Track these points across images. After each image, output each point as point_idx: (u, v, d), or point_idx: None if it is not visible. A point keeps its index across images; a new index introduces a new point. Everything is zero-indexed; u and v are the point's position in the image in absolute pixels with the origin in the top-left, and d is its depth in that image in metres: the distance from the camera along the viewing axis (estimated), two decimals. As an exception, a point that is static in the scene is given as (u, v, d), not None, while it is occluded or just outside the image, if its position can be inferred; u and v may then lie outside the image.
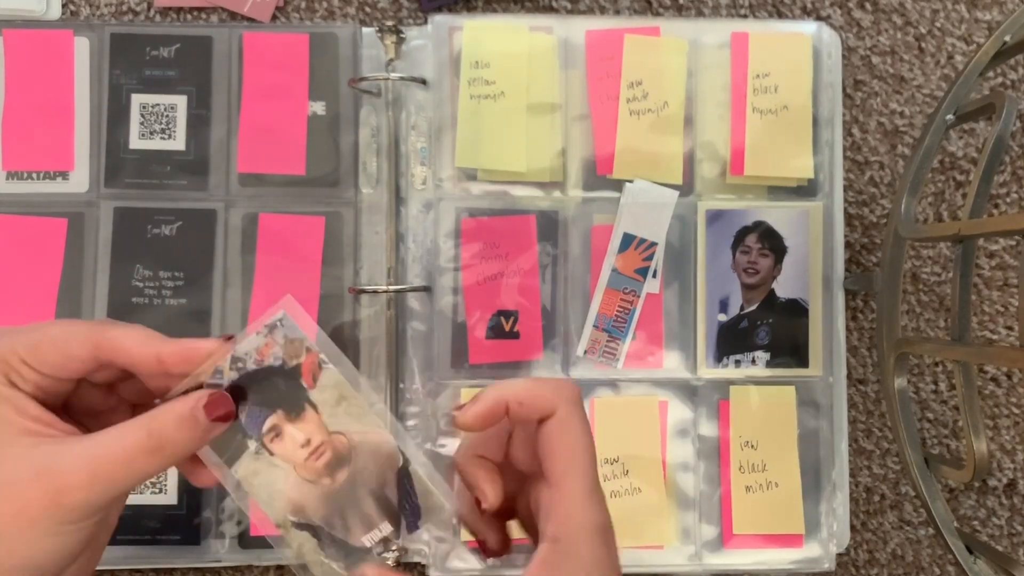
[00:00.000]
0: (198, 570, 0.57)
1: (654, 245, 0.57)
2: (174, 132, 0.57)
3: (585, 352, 0.57)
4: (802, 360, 0.58)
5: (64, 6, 0.58)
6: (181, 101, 0.57)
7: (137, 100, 0.57)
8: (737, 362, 0.58)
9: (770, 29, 0.59)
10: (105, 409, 0.36)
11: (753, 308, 0.58)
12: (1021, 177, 0.61)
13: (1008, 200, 0.61)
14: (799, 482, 0.57)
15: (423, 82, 0.57)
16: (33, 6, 0.58)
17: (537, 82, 0.58)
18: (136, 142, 0.57)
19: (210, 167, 0.57)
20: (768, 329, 0.58)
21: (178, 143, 0.57)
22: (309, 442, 0.34)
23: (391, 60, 0.57)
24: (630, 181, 0.58)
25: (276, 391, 0.34)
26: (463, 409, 0.34)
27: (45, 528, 0.31)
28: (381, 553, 0.34)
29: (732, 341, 0.58)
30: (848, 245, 0.60)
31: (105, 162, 0.57)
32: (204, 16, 0.58)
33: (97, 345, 0.33)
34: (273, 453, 0.34)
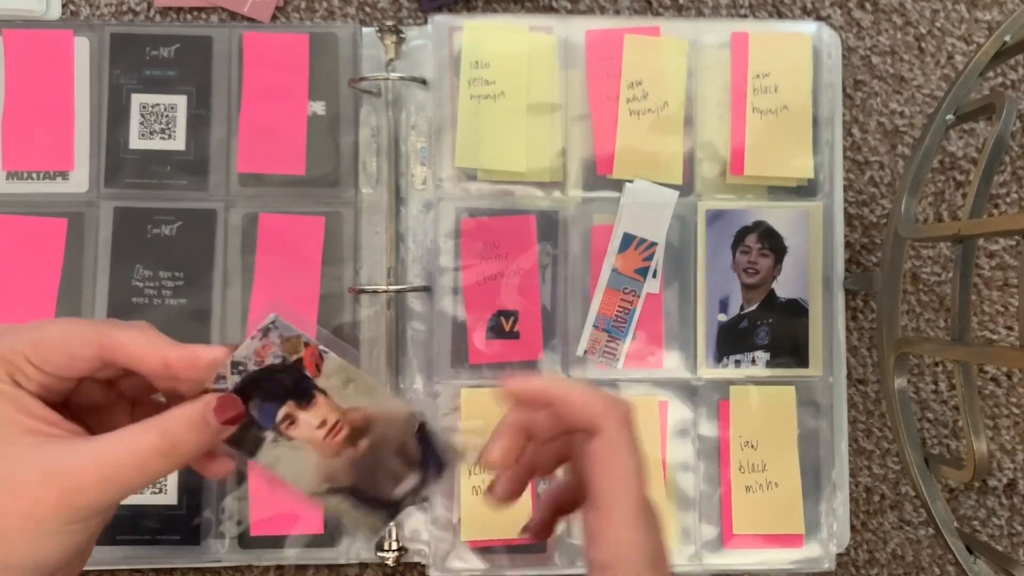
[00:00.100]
0: (198, 570, 0.57)
1: (654, 245, 0.57)
2: (174, 132, 0.57)
3: (585, 352, 0.57)
4: (802, 360, 0.58)
5: (64, 6, 0.58)
6: (181, 101, 0.57)
7: (137, 100, 0.57)
8: (737, 362, 0.58)
9: (770, 29, 0.59)
10: (105, 405, 0.36)
11: (753, 308, 0.58)
12: (1021, 177, 0.61)
13: (1008, 200, 0.61)
14: (799, 482, 0.57)
15: (423, 82, 0.57)
16: (33, 6, 0.58)
17: (537, 82, 0.57)
18: (136, 142, 0.57)
19: (210, 167, 0.57)
20: (768, 329, 0.58)
21: (178, 143, 0.57)
22: (324, 423, 0.35)
23: (391, 60, 0.57)
24: (630, 181, 0.57)
25: (282, 385, 0.35)
26: (514, 380, 0.35)
27: (52, 528, 0.31)
28: (413, 500, 0.36)
29: (732, 341, 0.58)
30: (848, 245, 0.60)
31: (105, 162, 0.57)
32: (204, 16, 0.58)
33: (102, 346, 0.33)
34: (291, 438, 0.35)
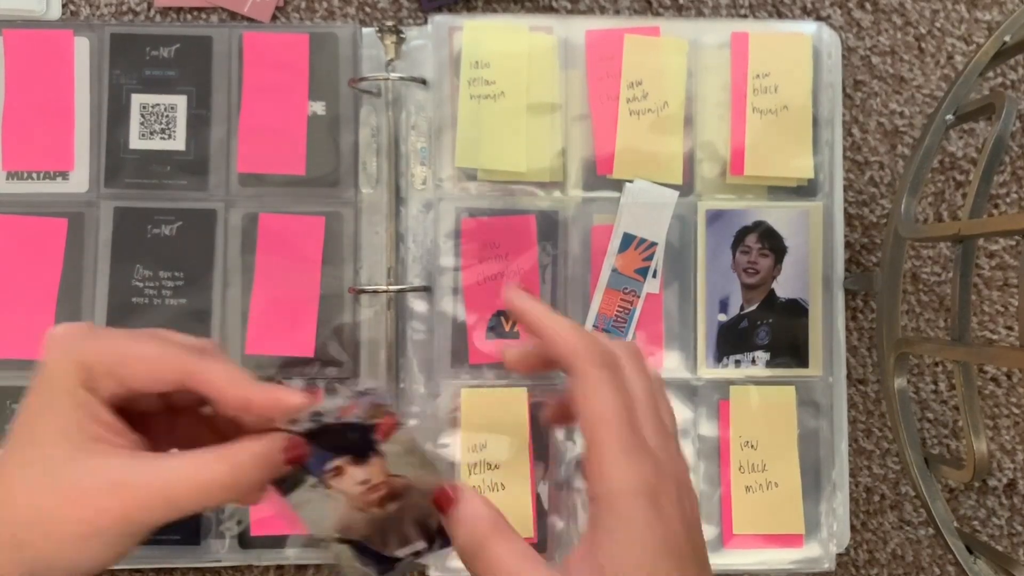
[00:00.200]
0: (198, 570, 0.57)
1: (654, 245, 0.57)
2: (174, 132, 0.57)
3: (585, 352, 0.57)
4: (802, 360, 0.58)
5: (64, 6, 0.58)
6: (181, 101, 0.57)
7: (137, 100, 0.57)
8: (737, 362, 0.58)
9: (770, 29, 0.58)
10: (154, 411, 0.36)
11: (753, 308, 0.58)
12: (1021, 177, 0.61)
13: (1008, 200, 0.61)
14: (799, 482, 0.57)
15: (423, 82, 0.57)
16: (33, 6, 0.58)
17: (537, 82, 0.57)
18: (136, 142, 0.57)
19: (210, 167, 0.57)
20: (768, 329, 0.58)
21: (178, 143, 0.57)
22: (368, 481, 0.35)
23: (391, 60, 0.57)
24: (630, 181, 0.57)
25: (348, 440, 0.35)
26: (517, 295, 0.36)
27: (107, 539, 0.31)
28: (411, 561, 0.35)
29: (732, 341, 0.58)
30: (848, 245, 0.60)
31: (105, 162, 0.57)
32: (204, 16, 0.58)
33: (188, 374, 0.33)
34: (331, 487, 0.34)
